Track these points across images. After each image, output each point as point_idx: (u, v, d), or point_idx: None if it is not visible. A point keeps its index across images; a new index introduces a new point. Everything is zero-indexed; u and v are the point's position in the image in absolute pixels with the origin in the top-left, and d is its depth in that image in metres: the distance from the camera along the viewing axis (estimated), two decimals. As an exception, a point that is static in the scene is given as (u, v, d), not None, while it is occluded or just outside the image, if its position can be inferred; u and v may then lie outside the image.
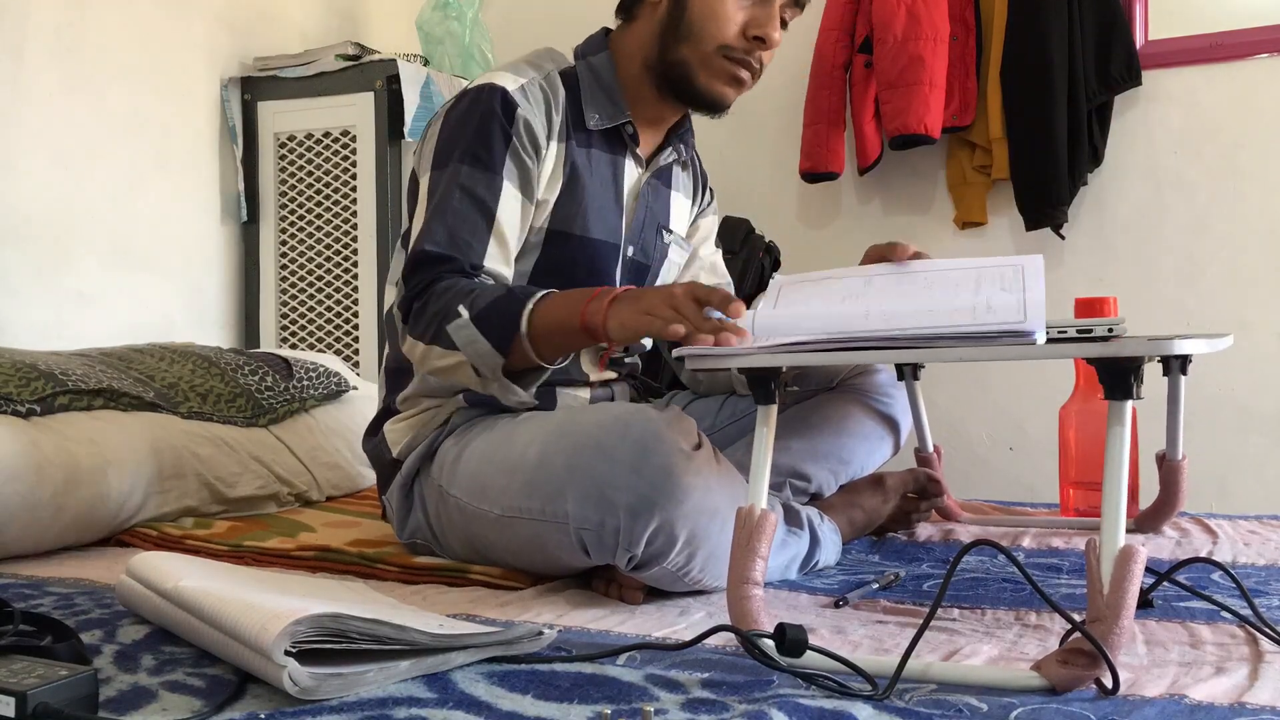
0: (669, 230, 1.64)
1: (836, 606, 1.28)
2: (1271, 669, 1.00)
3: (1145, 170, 2.75)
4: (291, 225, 2.74)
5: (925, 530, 1.73)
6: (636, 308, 1.20)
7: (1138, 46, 2.72)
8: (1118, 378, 1.01)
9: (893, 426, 1.68)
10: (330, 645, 0.92)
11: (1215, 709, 0.90)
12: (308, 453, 2.05)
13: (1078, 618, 0.97)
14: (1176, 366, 1.54)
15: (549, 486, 1.27)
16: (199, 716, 0.88)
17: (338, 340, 2.71)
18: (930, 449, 1.79)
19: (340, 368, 2.37)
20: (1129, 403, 1.01)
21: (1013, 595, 1.31)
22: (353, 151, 2.66)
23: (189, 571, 1.13)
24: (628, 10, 1.55)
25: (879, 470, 1.69)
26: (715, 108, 1.52)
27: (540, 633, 1.04)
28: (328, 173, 2.70)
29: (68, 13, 2.33)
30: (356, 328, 2.68)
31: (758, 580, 1.08)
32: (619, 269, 1.56)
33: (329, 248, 2.71)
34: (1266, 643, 1.08)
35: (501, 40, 2.98)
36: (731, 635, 1.05)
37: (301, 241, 2.73)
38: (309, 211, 2.72)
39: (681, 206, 1.68)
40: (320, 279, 2.72)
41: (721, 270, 1.79)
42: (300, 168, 2.73)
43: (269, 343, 2.74)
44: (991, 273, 1.18)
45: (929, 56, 2.67)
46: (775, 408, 1.15)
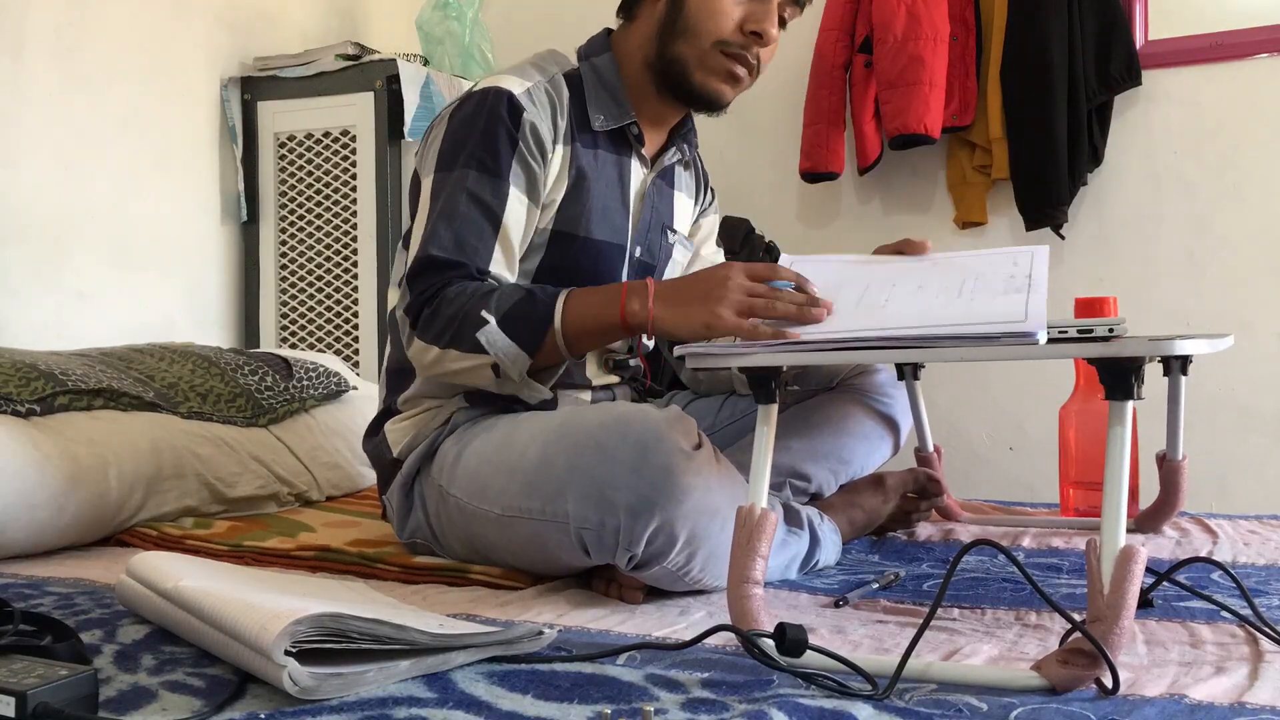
0: (673, 230, 1.64)
1: (836, 606, 1.28)
2: (1271, 669, 1.00)
3: (1145, 170, 2.75)
4: (291, 225, 2.74)
5: (925, 530, 1.73)
6: (691, 311, 1.25)
7: (1138, 46, 2.72)
8: (1119, 378, 1.01)
9: (892, 426, 1.68)
10: (330, 645, 0.92)
11: (1215, 709, 0.90)
12: (308, 453, 2.05)
13: (1078, 618, 0.97)
14: (1177, 367, 1.54)
15: (549, 486, 1.27)
16: (199, 716, 0.88)
17: (338, 340, 2.71)
18: (930, 449, 1.79)
19: (340, 368, 2.37)
20: (1130, 403, 1.01)
21: (1013, 595, 1.31)
22: (353, 151, 2.66)
23: (189, 571, 1.13)
24: (628, 10, 1.55)
25: (879, 470, 1.69)
26: (712, 105, 1.52)
27: (540, 632, 1.04)
28: (328, 173, 2.70)
29: (68, 13, 2.33)
30: (356, 328, 2.68)
31: (758, 580, 1.08)
32: (625, 269, 1.56)
33: (329, 248, 2.71)
34: (1266, 643, 1.08)
35: (501, 40, 2.98)
36: (731, 635, 1.04)
37: (301, 241, 2.73)
38: (309, 211, 2.72)
39: (684, 206, 1.68)
40: (320, 279, 2.72)
41: None
42: (300, 168, 2.73)
43: (269, 343, 2.74)
44: (1001, 267, 1.18)
45: (929, 56, 2.67)
46: (775, 407, 1.15)
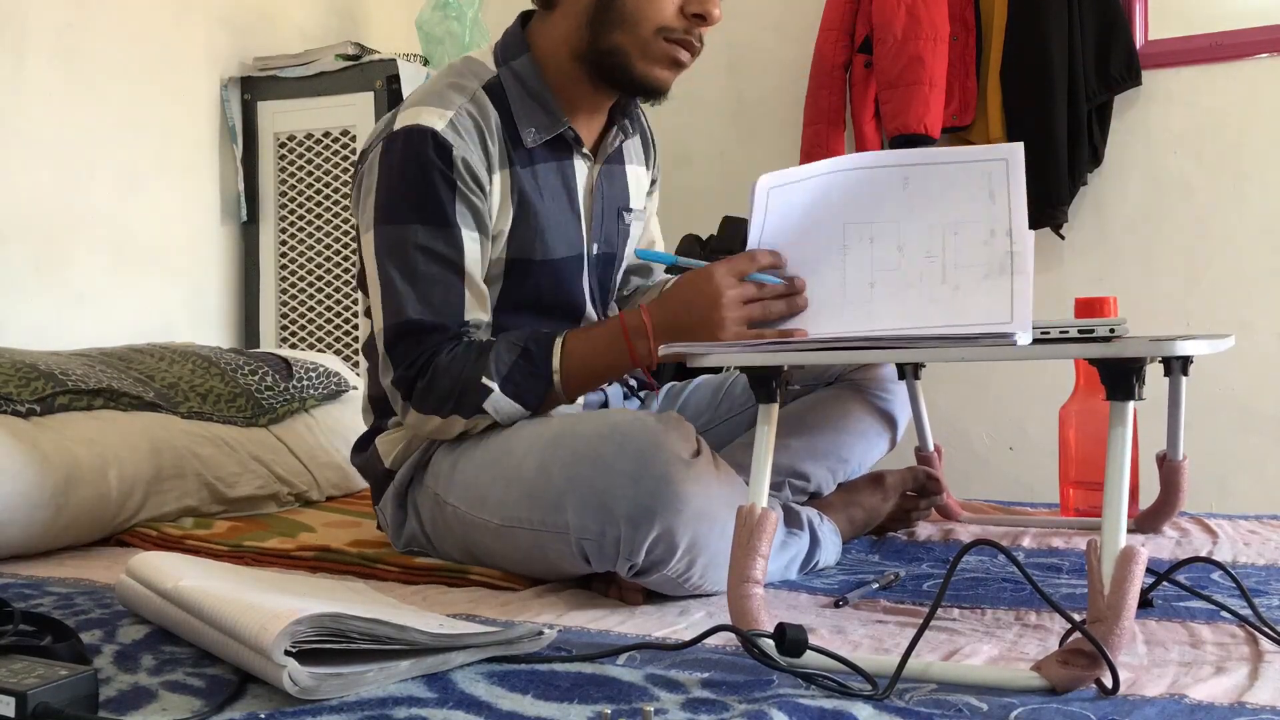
0: (628, 210, 1.62)
1: (836, 606, 1.28)
2: (1271, 669, 1.00)
3: (1145, 170, 2.75)
4: (291, 225, 2.74)
5: (925, 530, 1.73)
6: (696, 339, 1.27)
7: (1138, 46, 2.72)
8: (1119, 378, 1.01)
9: (890, 422, 1.67)
10: (330, 645, 0.92)
11: (1215, 709, 0.90)
12: (308, 453, 2.05)
13: (1078, 618, 0.97)
14: (1178, 367, 1.54)
15: (549, 497, 1.27)
16: (199, 716, 0.88)
17: (338, 340, 2.71)
18: (931, 448, 1.78)
19: (340, 368, 2.37)
20: (1131, 403, 1.01)
21: (1013, 595, 1.31)
22: (352, 151, 2.66)
23: (189, 571, 1.13)
24: None
25: (878, 468, 1.69)
26: (654, 93, 1.45)
27: (540, 633, 1.04)
28: (328, 173, 2.70)
29: (68, 13, 2.33)
30: (356, 328, 2.68)
31: (758, 579, 1.08)
32: (585, 274, 1.54)
33: (329, 248, 2.70)
34: (1266, 643, 1.08)
35: (501, 40, 2.97)
36: (731, 635, 1.04)
37: (301, 241, 2.73)
38: (309, 211, 2.72)
39: (638, 174, 1.64)
40: (320, 279, 2.72)
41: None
42: (300, 168, 2.73)
43: (269, 343, 2.74)
44: (978, 196, 1.15)
45: (929, 56, 2.67)
46: (776, 406, 1.15)
